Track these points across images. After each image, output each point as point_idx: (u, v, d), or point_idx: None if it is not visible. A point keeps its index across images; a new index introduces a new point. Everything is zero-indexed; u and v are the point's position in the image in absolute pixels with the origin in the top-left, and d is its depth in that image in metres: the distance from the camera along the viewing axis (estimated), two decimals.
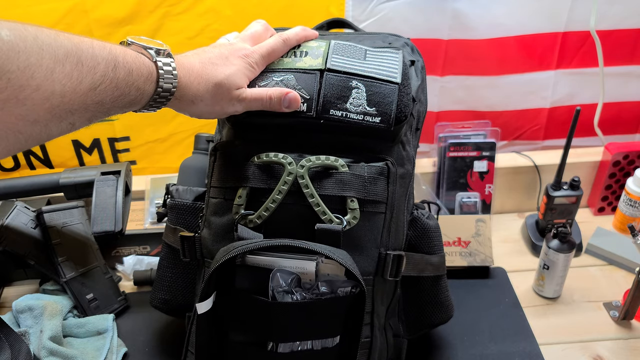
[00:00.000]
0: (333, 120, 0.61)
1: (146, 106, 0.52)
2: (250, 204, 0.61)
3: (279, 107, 0.60)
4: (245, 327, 0.61)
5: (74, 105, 0.43)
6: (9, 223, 0.83)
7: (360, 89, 0.61)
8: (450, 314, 0.75)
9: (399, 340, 0.72)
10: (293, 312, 0.58)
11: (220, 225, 0.64)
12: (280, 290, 0.59)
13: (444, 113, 1.10)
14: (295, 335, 0.60)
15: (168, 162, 1.12)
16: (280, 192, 0.60)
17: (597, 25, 0.98)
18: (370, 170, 0.61)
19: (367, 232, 0.61)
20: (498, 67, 1.05)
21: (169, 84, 0.52)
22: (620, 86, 1.08)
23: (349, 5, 0.97)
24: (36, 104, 0.40)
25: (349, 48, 0.64)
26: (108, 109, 0.47)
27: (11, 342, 0.67)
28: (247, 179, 0.61)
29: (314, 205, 0.59)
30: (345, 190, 0.60)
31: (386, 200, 0.62)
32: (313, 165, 0.60)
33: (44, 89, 0.40)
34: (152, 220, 0.96)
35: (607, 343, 0.81)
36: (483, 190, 1.02)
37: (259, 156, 0.61)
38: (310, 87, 0.61)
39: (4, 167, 1.10)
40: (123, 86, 0.47)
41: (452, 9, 0.97)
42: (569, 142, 0.89)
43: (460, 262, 0.93)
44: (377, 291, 0.64)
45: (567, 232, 0.84)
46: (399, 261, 0.63)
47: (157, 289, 0.76)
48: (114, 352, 0.78)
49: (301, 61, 0.63)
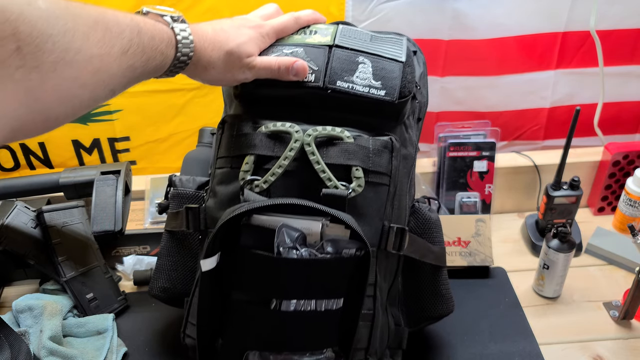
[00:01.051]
0: (340, 91, 0.63)
1: (167, 71, 0.55)
2: (256, 171, 0.62)
3: (287, 75, 0.62)
4: (249, 284, 0.61)
5: (112, 69, 0.46)
6: (9, 223, 0.83)
7: (367, 64, 0.64)
8: (450, 308, 0.74)
9: (400, 329, 0.72)
10: (298, 268, 0.58)
11: (226, 194, 0.64)
12: (286, 247, 0.59)
13: (444, 113, 1.10)
14: (299, 293, 0.59)
15: (168, 162, 1.12)
16: (287, 157, 0.61)
17: (597, 25, 0.98)
18: (375, 143, 0.63)
19: (371, 203, 0.62)
20: (498, 67, 1.05)
21: (187, 49, 0.55)
22: (620, 86, 1.08)
23: (349, 5, 0.97)
24: (81, 67, 0.43)
25: (356, 32, 0.67)
26: (139, 75, 0.50)
27: (11, 342, 0.67)
28: (254, 147, 0.63)
29: (319, 171, 0.60)
30: (351, 159, 0.61)
31: (390, 174, 0.63)
32: (319, 135, 0.62)
33: (84, 52, 0.43)
34: (152, 220, 0.96)
35: (607, 343, 0.81)
36: (483, 190, 1.02)
37: (267, 125, 0.63)
38: (319, 59, 0.64)
39: (4, 167, 1.10)
40: (149, 50, 0.50)
41: (452, 9, 0.97)
42: (568, 142, 0.89)
43: (460, 262, 0.93)
44: (380, 266, 0.64)
45: (567, 232, 0.84)
46: (402, 235, 0.64)
47: (157, 277, 0.75)
48: (114, 352, 0.78)
49: (311, 38, 0.66)
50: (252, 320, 0.61)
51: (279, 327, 0.60)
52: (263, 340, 0.61)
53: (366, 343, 0.62)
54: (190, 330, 0.66)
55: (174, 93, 1.04)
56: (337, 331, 0.61)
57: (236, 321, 0.61)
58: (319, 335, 0.61)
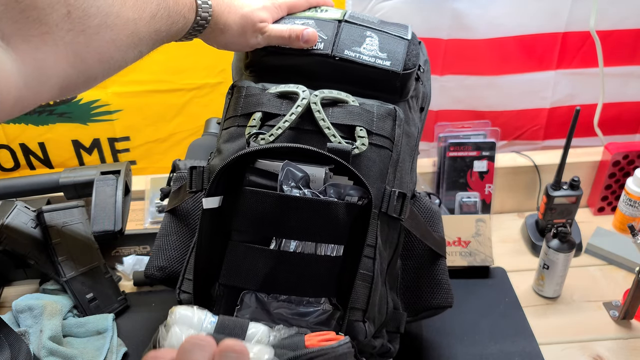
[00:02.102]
0: (347, 60, 0.65)
1: (186, 34, 0.60)
2: (262, 128, 0.63)
3: (298, 42, 0.65)
4: (250, 224, 0.60)
5: (142, 33, 0.50)
6: (9, 223, 0.83)
7: (374, 38, 0.67)
8: (449, 300, 0.74)
9: (398, 313, 0.71)
10: (299, 207, 0.58)
11: (232, 151, 0.65)
12: (289, 186, 0.59)
13: (443, 112, 1.10)
14: (299, 233, 0.59)
15: (168, 162, 1.11)
16: (294, 114, 0.62)
17: (597, 25, 0.98)
18: (379, 109, 0.65)
19: (374, 164, 0.63)
20: (498, 67, 1.05)
21: (205, 13, 0.59)
22: (620, 86, 1.08)
23: (348, 4, 0.97)
24: (120, 30, 0.47)
25: (365, 15, 0.71)
26: (163, 38, 0.55)
27: (11, 342, 0.68)
28: (262, 104, 0.64)
29: (324, 128, 0.62)
30: (355, 120, 0.63)
31: (393, 139, 0.64)
32: (326, 97, 0.64)
33: (122, 15, 0.47)
34: (152, 220, 0.96)
35: (607, 343, 0.81)
36: (483, 190, 1.02)
37: (275, 87, 0.65)
38: (329, 31, 0.67)
39: (4, 167, 1.10)
40: (174, 14, 0.54)
41: (452, 8, 0.97)
42: (568, 142, 0.89)
43: (460, 262, 0.93)
44: (382, 231, 0.64)
45: (567, 232, 0.84)
46: (403, 200, 0.64)
47: (154, 257, 0.73)
48: (113, 352, 0.78)
49: (322, 14, 0.70)
50: (251, 260, 0.59)
51: (278, 268, 0.59)
52: (260, 281, 0.59)
53: (365, 304, 0.61)
54: (187, 285, 0.65)
55: (174, 93, 1.04)
56: (335, 282, 0.60)
57: (234, 261, 0.60)
58: (316, 282, 0.60)
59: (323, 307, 0.60)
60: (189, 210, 0.73)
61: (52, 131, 1.06)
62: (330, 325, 0.60)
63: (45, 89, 0.44)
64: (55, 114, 1.04)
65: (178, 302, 0.65)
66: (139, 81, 1.02)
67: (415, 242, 0.72)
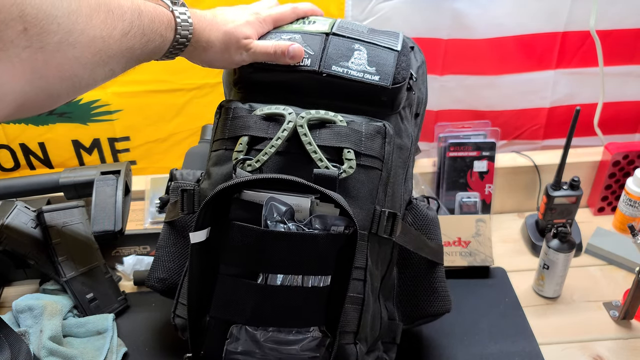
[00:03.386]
0: (334, 76, 0.64)
1: (166, 53, 0.57)
2: (250, 153, 0.63)
3: (284, 58, 0.63)
4: (236, 258, 0.60)
5: (112, 51, 0.48)
6: (9, 223, 0.83)
7: (362, 52, 0.65)
8: (446, 307, 0.74)
9: (394, 323, 0.71)
10: (285, 242, 0.58)
11: (220, 175, 0.65)
12: (274, 220, 0.59)
13: (443, 112, 1.10)
14: (286, 267, 0.59)
15: (168, 162, 1.12)
16: (280, 138, 0.61)
17: (597, 25, 0.98)
18: (367, 127, 0.63)
19: (363, 186, 0.62)
20: (497, 66, 1.05)
21: (185, 31, 0.57)
22: (620, 86, 1.08)
23: (348, 4, 0.97)
24: (84, 47, 0.45)
25: (354, 24, 0.70)
26: (138, 56, 0.52)
27: (11, 342, 0.67)
28: (248, 128, 0.64)
29: (311, 152, 0.61)
30: (342, 141, 0.62)
31: (382, 158, 0.64)
32: (313, 118, 0.63)
33: (87, 33, 0.45)
34: (152, 220, 0.96)
35: (607, 343, 0.81)
36: (483, 190, 1.02)
37: (261, 109, 0.64)
38: (316, 45, 0.66)
39: (4, 167, 1.10)
40: (149, 32, 0.52)
41: (452, 8, 0.97)
42: (568, 142, 0.89)
43: (460, 262, 0.93)
44: (372, 251, 0.64)
45: (567, 232, 0.84)
46: (394, 220, 0.64)
47: (154, 268, 0.75)
48: (114, 352, 0.78)
49: (308, 27, 0.68)
50: (239, 294, 0.60)
51: (265, 302, 0.59)
52: (248, 315, 0.60)
53: (355, 327, 0.62)
54: (181, 310, 0.66)
55: (174, 93, 1.04)
56: (324, 311, 0.61)
57: (223, 295, 0.60)
58: (304, 314, 0.60)
59: (312, 334, 0.61)
60: (186, 221, 0.74)
61: (52, 131, 1.06)
62: (320, 352, 0.61)
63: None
64: (55, 114, 1.04)
65: (173, 326, 0.68)
66: (139, 81, 1.02)
67: (411, 252, 0.72)
